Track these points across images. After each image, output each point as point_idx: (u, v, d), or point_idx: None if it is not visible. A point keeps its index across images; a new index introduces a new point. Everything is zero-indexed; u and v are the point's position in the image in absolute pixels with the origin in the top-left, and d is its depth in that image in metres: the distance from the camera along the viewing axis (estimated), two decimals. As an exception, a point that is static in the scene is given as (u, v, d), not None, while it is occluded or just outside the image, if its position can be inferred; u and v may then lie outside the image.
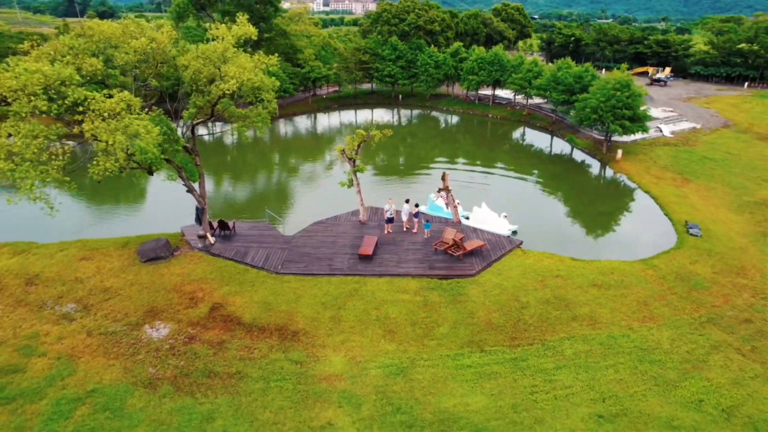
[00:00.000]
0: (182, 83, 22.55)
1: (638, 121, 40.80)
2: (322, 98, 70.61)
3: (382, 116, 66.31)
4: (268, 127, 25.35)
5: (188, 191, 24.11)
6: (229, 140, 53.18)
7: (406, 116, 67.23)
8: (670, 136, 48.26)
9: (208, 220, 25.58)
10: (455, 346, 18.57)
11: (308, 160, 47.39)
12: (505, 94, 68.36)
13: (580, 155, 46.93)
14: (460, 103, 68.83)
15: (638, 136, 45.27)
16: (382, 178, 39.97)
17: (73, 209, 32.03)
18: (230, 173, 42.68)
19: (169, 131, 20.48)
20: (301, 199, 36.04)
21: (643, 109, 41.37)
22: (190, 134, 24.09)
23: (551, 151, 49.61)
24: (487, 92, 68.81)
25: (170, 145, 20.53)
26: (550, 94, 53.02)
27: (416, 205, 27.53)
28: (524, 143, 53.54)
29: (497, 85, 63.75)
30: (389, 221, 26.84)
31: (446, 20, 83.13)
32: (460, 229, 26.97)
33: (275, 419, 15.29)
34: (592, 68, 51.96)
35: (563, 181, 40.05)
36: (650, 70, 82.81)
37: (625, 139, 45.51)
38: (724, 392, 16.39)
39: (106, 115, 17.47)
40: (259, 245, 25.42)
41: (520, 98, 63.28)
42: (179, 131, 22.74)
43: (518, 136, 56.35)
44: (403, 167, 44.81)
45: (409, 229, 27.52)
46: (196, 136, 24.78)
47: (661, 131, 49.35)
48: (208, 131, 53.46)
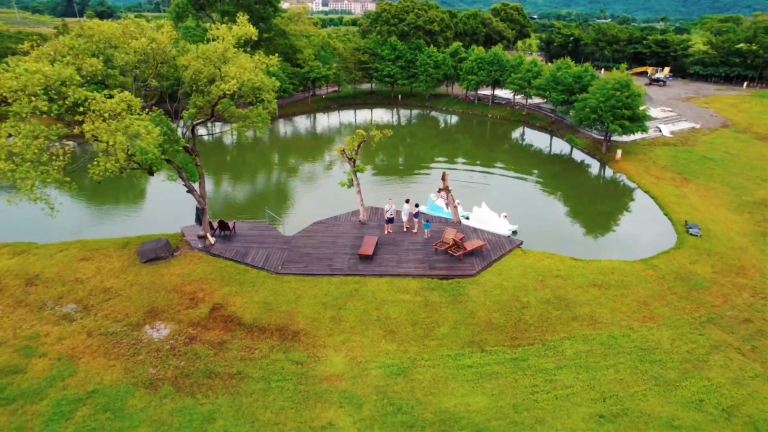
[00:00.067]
0: (182, 83, 22.53)
1: (638, 121, 40.86)
2: (321, 98, 70.58)
3: (381, 116, 66.30)
4: (268, 127, 25.33)
5: (188, 191, 24.10)
6: (228, 140, 53.16)
7: (405, 116, 67.22)
8: (669, 136, 48.33)
9: (208, 220, 25.57)
10: (456, 346, 18.59)
11: (308, 160, 47.37)
12: (504, 94, 68.36)
13: (579, 155, 46.96)
14: (459, 103, 68.83)
15: (638, 136, 45.31)
16: (381, 178, 39.98)
17: (72, 209, 31.98)
18: (230, 173, 42.65)
19: (169, 131, 20.47)
20: (300, 199, 36.02)
21: (642, 109, 41.42)
22: (190, 134, 24.08)
23: (551, 150, 49.64)
24: (486, 92, 68.84)
25: (171, 145, 20.52)
26: (549, 94, 53.04)
27: (416, 205, 27.53)
28: (524, 143, 53.57)
29: (496, 85, 63.78)
30: (389, 221, 26.84)
31: (445, 20, 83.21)
32: (460, 229, 26.98)
33: (276, 419, 15.29)
34: (591, 68, 52.00)
35: (563, 180, 40.09)
36: (649, 69, 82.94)
37: (624, 138, 45.55)
38: (724, 392, 16.42)
39: (106, 115, 17.45)
40: (259, 245, 25.41)
41: (519, 98, 63.32)
42: (179, 131, 22.72)
43: (518, 136, 56.38)
44: (402, 167, 44.81)
45: (409, 229, 27.52)
46: (196, 136, 24.77)
47: (660, 131, 49.40)
48: (207, 131, 53.41)
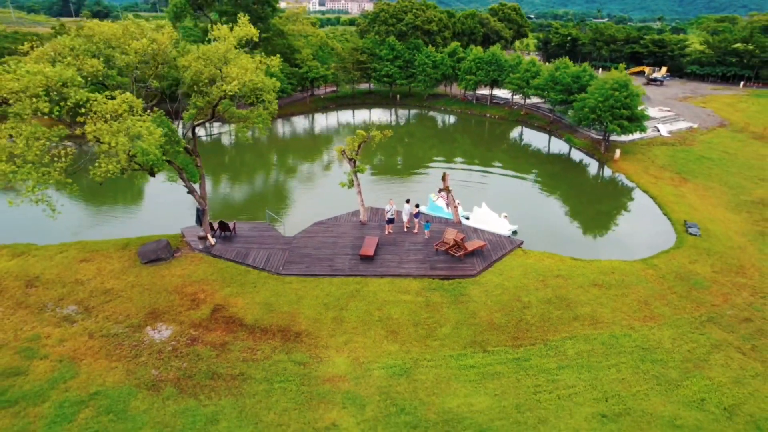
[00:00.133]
0: (181, 83, 22.46)
1: (636, 120, 41.00)
2: (319, 98, 70.51)
3: (380, 116, 66.29)
4: (268, 128, 25.31)
5: (189, 192, 24.05)
6: (227, 141, 53.05)
7: (403, 116, 67.21)
8: (667, 135, 48.50)
9: (208, 221, 25.52)
10: (458, 346, 18.62)
11: (306, 160, 47.32)
12: (502, 93, 68.45)
13: (578, 155, 47.07)
14: (457, 102, 68.87)
15: (636, 135, 45.46)
16: (381, 178, 39.98)
17: (72, 210, 31.83)
18: (229, 174, 42.56)
19: (170, 132, 20.42)
20: (300, 199, 35.99)
21: (640, 108, 41.57)
22: (190, 135, 24.02)
23: (549, 150, 49.73)
24: (484, 92, 68.92)
25: (172, 146, 20.47)
26: (548, 94, 53.14)
27: (416, 205, 27.55)
28: (522, 143, 53.66)
29: (495, 84, 63.87)
30: (390, 222, 26.84)
31: (443, 20, 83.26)
32: (460, 229, 27.02)
33: (279, 421, 15.28)
34: (589, 68, 52.12)
35: (562, 180, 40.18)
36: (647, 69, 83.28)
37: (623, 138, 45.70)
38: (725, 391, 16.50)
39: (108, 116, 17.40)
40: (259, 246, 25.38)
41: (517, 98, 63.42)
42: (179, 132, 22.66)
43: (516, 135, 56.47)
44: (401, 167, 44.81)
45: (409, 229, 27.53)
46: (196, 137, 24.71)
47: (658, 131, 49.56)
48: (205, 132, 53.29)
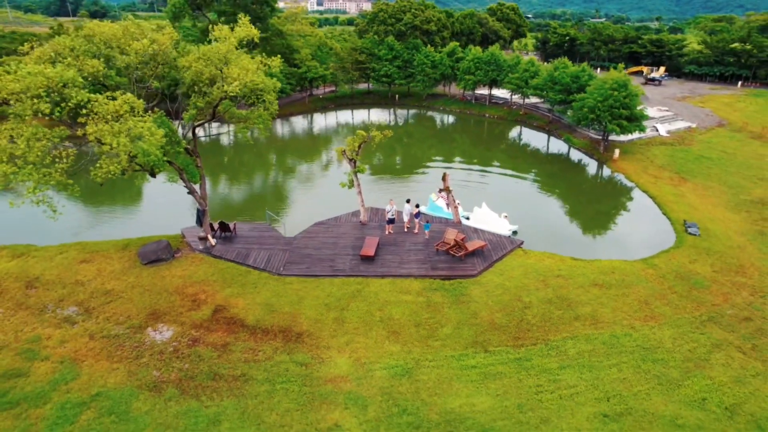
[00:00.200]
0: (181, 84, 22.42)
1: (635, 120, 41.10)
2: (318, 98, 70.48)
3: (378, 116, 66.30)
4: (268, 128, 25.29)
5: (189, 193, 24.02)
6: (226, 141, 52.98)
7: (403, 116, 67.24)
8: (666, 135, 48.61)
9: (208, 221, 25.48)
10: (459, 346, 18.64)
11: (306, 160, 47.30)
12: (501, 93, 68.51)
13: (577, 155, 47.14)
14: (456, 102, 68.92)
15: (635, 135, 45.56)
16: (381, 178, 39.98)
17: (72, 211, 31.75)
18: (229, 174, 42.52)
19: (170, 133, 20.39)
20: (300, 199, 35.97)
21: (639, 108, 41.67)
22: (190, 136, 23.99)
23: (549, 150, 49.79)
24: (483, 92, 68.95)
25: (172, 147, 20.43)
26: (547, 93, 53.23)
27: (417, 205, 27.55)
28: (521, 143, 53.73)
29: (494, 84, 63.93)
30: (390, 222, 26.84)
31: (442, 20, 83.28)
32: (460, 229, 27.04)
33: (282, 421, 15.27)
34: (588, 68, 52.20)
35: (561, 180, 40.24)
36: (645, 69, 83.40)
37: (621, 138, 45.78)
38: (726, 390, 16.56)
39: (109, 117, 17.36)
40: (260, 247, 25.36)
41: (516, 98, 63.48)
42: (179, 133, 22.63)
43: (515, 135, 56.55)
44: (401, 167, 44.83)
45: (410, 229, 27.54)
46: (196, 137, 24.67)
47: (657, 130, 49.67)
48: (204, 133, 53.20)
